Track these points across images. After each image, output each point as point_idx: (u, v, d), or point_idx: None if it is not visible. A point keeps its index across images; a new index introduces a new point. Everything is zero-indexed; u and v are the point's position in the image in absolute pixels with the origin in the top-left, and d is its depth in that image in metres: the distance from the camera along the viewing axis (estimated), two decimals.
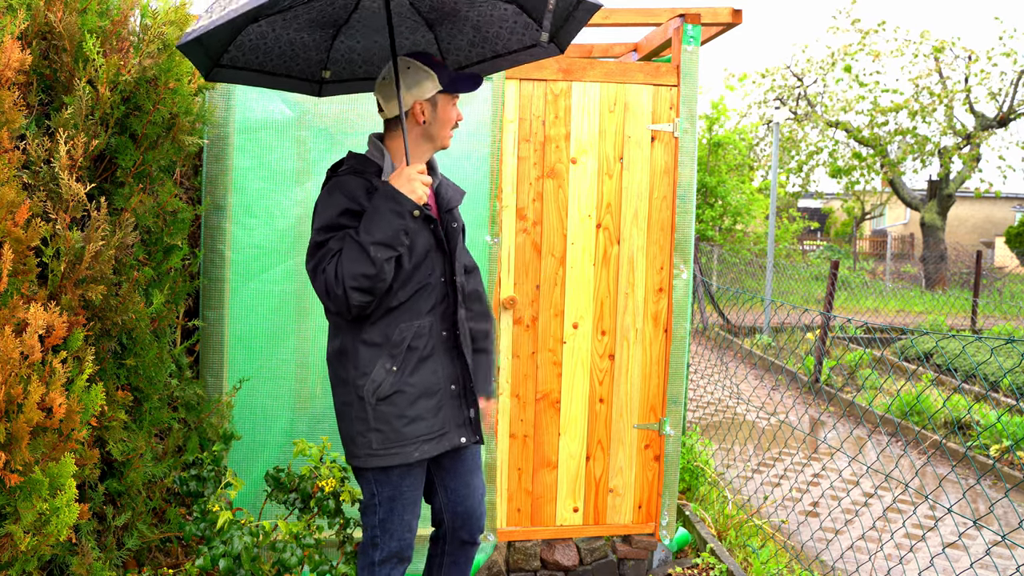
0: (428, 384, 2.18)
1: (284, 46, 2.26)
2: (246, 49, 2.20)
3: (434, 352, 2.21)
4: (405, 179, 2.04)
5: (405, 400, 2.15)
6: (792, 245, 21.81)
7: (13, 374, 1.85)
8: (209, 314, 3.06)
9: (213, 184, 3.03)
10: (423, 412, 2.17)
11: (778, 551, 3.84)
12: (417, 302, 2.17)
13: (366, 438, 2.14)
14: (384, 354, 2.13)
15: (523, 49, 2.35)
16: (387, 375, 2.13)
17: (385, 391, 2.13)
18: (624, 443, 3.46)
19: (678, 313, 3.43)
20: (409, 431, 2.15)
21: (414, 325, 2.15)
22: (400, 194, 2.02)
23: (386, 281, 2.04)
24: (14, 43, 1.98)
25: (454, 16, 2.28)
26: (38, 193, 2.15)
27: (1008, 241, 22.28)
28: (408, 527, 2.25)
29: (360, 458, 2.17)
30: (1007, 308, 13.45)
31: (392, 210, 2.01)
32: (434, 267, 2.20)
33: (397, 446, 2.15)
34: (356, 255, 1.99)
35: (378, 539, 2.24)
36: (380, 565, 2.25)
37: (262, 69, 2.29)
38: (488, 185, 3.23)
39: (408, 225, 2.03)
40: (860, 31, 16.14)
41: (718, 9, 3.50)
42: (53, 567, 2.24)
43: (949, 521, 4.55)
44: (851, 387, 8.11)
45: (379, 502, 2.21)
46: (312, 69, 2.40)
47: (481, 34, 2.34)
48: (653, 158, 3.39)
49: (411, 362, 2.16)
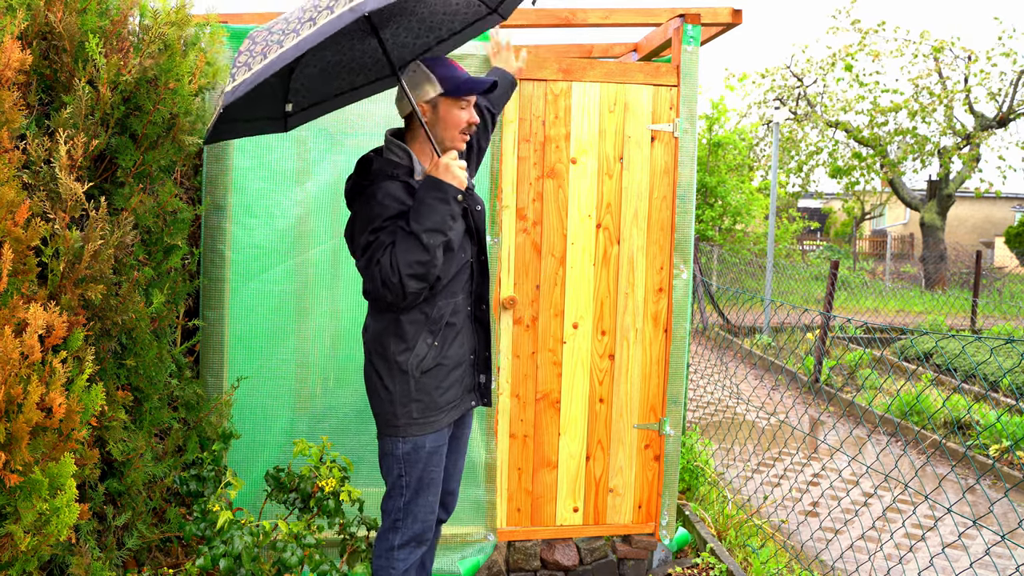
0: (459, 356, 2.37)
1: (334, 67, 2.29)
2: (303, 91, 2.29)
3: (464, 326, 2.38)
4: (443, 168, 2.16)
5: (443, 372, 2.32)
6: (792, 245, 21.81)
7: (13, 374, 1.85)
8: (209, 314, 3.06)
9: (213, 184, 3.03)
10: (454, 382, 2.36)
11: (778, 551, 3.84)
12: (454, 281, 2.33)
13: (407, 408, 2.28)
14: (425, 330, 2.27)
15: (467, 26, 2.41)
16: (429, 349, 2.28)
17: (428, 364, 2.29)
18: (624, 443, 3.46)
19: (678, 313, 3.43)
20: (442, 400, 2.33)
21: (451, 302, 2.32)
22: (443, 183, 2.15)
23: (438, 266, 2.17)
24: (14, 43, 1.98)
25: (401, 15, 2.26)
26: (38, 193, 2.14)
27: (1008, 241, 22.28)
28: (431, 508, 2.37)
29: (400, 427, 2.30)
30: (1007, 308, 13.46)
31: (438, 198, 2.13)
32: (466, 248, 2.36)
33: (435, 414, 2.32)
34: (410, 244, 2.10)
35: (400, 523, 2.34)
36: (400, 549, 2.34)
37: (332, 95, 2.38)
38: (488, 185, 3.23)
39: (454, 210, 2.16)
40: (860, 31, 16.14)
41: (718, 9, 3.50)
42: (53, 567, 2.24)
43: (949, 521, 4.55)
44: (851, 387, 8.11)
45: (406, 484, 2.32)
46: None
47: (426, 24, 2.35)
48: (653, 158, 3.39)
49: (449, 336, 2.33)
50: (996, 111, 16.20)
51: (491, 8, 2.35)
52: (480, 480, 3.33)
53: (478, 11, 2.37)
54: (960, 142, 16.34)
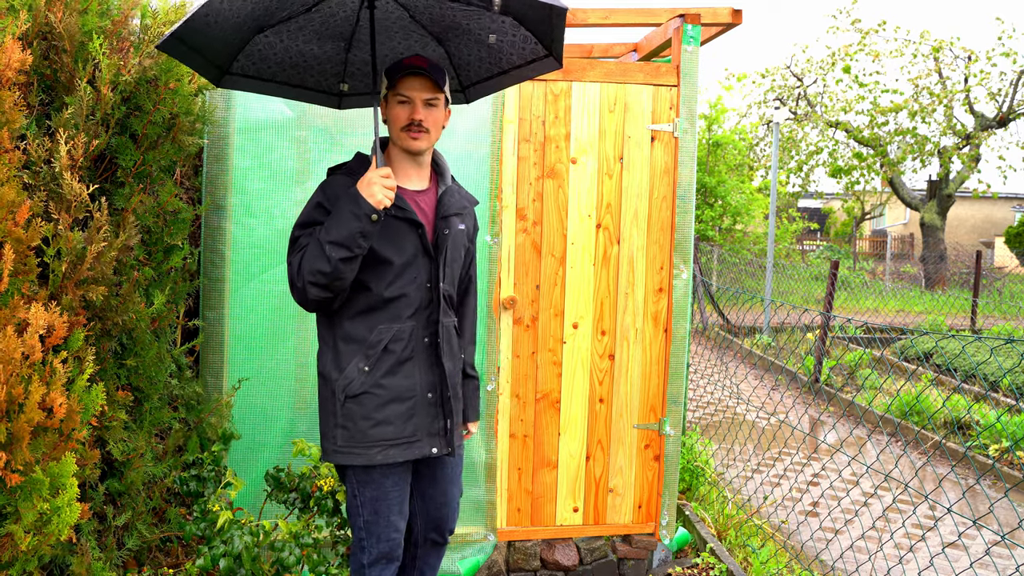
0: (401, 389, 2.17)
1: (295, 57, 2.28)
2: (256, 59, 2.22)
3: (413, 357, 2.19)
4: (366, 183, 2.02)
5: (373, 402, 2.14)
6: (792, 245, 21.82)
7: (14, 374, 1.85)
8: (209, 314, 3.06)
9: (213, 184, 3.04)
10: (391, 416, 2.15)
11: (778, 551, 3.84)
12: (399, 305, 2.16)
13: (333, 434, 2.17)
14: (360, 353, 2.14)
15: (526, 64, 2.33)
16: (359, 374, 2.14)
17: (354, 390, 2.14)
18: (624, 443, 3.46)
19: (678, 313, 3.43)
20: (374, 433, 2.14)
21: (393, 328, 2.15)
22: (361, 197, 2.00)
23: (344, 280, 2.05)
24: (15, 43, 1.98)
25: (456, 29, 2.27)
26: (39, 193, 2.15)
27: (1008, 241, 22.28)
28: (395, 527, 2.24)
29: (327, 453, 2.20)
30: (1007, 308, 13.46)
31: (351, 212, 2.01)
32: (419, 272, 2.18)
33: (361, 447, 2.14)
34: (316, 252, 2.02)
35: (364, 542, 2.23)
36: (370, 567, 2.24)
37: (275, 79, 2.32)
38: (488, 185, 3.24)
39: (365, 228, 2.00)
40: (860, 31, 16.14)
41: (718, 9, 3.50)
42: (53, 567, 2.24)
43: (949, 521, 4.55)
44: (851, 387, 8.11)
45: (362, 503, 2.21)
46: (328, 81, 2.41)
47: (488, 49, 2.34)
48: (653, 158, 3.39)
49: (385, 364, 2.15)
50: (996, 111, 16.20)
51: (548, 51, 2.27)
52: (480, 480, 3.33)
53: (536, 50, 2.27)
54: (960, 142, 16.34)
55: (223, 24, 1.94)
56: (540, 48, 2.25)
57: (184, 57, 2.01)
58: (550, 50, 2.24)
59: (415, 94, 2.13)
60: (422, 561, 2.47)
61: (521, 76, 2.38)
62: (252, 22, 2.04)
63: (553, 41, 2.20)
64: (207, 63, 2.12)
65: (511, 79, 2.40)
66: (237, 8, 1.90)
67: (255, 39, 2.14)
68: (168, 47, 1.91)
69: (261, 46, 2.18)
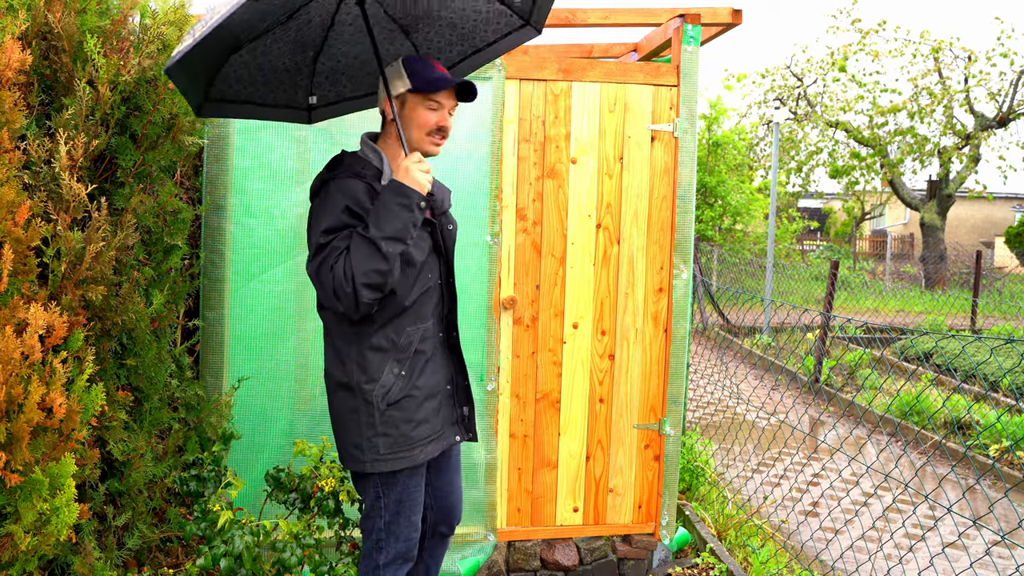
0: (432, 386, 2.21)
1: (267, 74, 2.24)
2: (231, 81, 2.18)
3: (435, 354, 2.24)
4: (404, 171, 2.03)
5: (413, 404, 2.16)
6: (792, 245, 21.82)
7: (14, 374, 1.85)
8: (209, 314, 3.06)
9: (213, 184, 3.03)
10: (428, 415, 2.19)
11: (778, 551, 3.84)
12: (422, 305, 2.18)
13: (373, 443, 2.13)
14: (391, 359, 2.13)
15: (501, 38, 2.34)
16: (396, 379, 2.13)
17: (395, 396, 2.13)
18: (624, 443, 3.46)
19: (678, 313, 3.43)
20: (416, 434, 2.17)
21: (420, 328, 2.17)
22: (405, 187, 2.01)
23: (396, 276, 2.03)
24: (14, 43, 1.98)
25: (427, 18, 2.26)
26: (39, 193, 2.14)
27: (1008, 241, 22.28)
28: (415, 526, 2.26)
29: (367, 463, 2.15)
30: (1007, 308, 13.46)
31: (400, 203, 2.00)
32: (433, 270, 2.22)
33: (405, 450, 2.15)
34: (367, 251, 1.97)
35: (383, 543, 2.23)
36: (385, 568, 2.23)
37: (249, 100, 2.28)
38: (488, 185, 3.24)
39: (416, 217, 2.02)
40: (860, 31, 16.15)
41: (718, 9, 3.50)
42: (54, 567, 2.24)
43: (949, 521, 4.55)
44: (851, 387, 8.11)
45: (384, 506, 2.21)
46: (298, 96, 2.38)
47: (458, 32, 2.33)
48: (653, 158, 3.39)
49: (418, 365, 2.17)
50: (996, 111, 16.20)
51: (524, 20, 2.28)
52: (480, 480, 3.33)
53: (511, 22, 2.28)
54: (960, 142, 16.34)
55: (207, 48, 1.89)
56: (516, 19, 2.26)
57: (180, 82, 1.96)
58: (527, 18, 2.24)
59: (448, 102, 2.16)
60: (428, 555, 2.49)
61: (497, 51, 2.38)
62: (232, 40, 2.00)
63: (534, 9, 2.21)
64: (195, 90, 2.09)
65: (485, 56, 2.40)
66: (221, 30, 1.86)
67: (230, 60, 2.11)
68: (177, 77, 1.89)
69: (236, 67, 2.15)
